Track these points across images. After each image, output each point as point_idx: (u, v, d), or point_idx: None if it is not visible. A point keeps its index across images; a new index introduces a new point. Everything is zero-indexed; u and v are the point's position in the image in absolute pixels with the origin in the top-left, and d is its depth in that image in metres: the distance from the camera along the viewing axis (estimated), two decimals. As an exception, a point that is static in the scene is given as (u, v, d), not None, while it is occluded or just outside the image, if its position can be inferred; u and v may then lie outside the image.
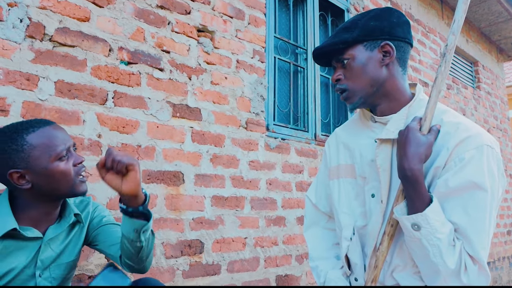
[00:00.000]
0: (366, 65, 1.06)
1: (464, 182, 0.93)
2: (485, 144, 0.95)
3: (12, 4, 1.51)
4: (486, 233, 0.93)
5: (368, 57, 1.06)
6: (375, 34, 1.05)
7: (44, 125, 1.08)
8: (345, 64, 1.08)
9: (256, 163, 2.35)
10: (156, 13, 1.99)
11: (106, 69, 1.77)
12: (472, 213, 0.92)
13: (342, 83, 1.09)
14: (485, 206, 0.93)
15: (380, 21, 1.06)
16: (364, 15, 1.09)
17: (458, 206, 0.94)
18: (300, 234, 2.55)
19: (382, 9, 1.10)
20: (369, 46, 1.06)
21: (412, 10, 4.10)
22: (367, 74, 1.06)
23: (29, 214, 1.09)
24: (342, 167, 1.20)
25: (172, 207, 1.92)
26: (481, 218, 0.93)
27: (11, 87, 1.49)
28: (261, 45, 2.50)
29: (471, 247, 0.92)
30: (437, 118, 1.04)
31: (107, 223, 1.27)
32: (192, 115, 2.07)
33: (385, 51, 1.06)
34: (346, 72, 1.09)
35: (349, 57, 1.07)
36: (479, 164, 0.94)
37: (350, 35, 1.06)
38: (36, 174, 1.04)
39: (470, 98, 4.95)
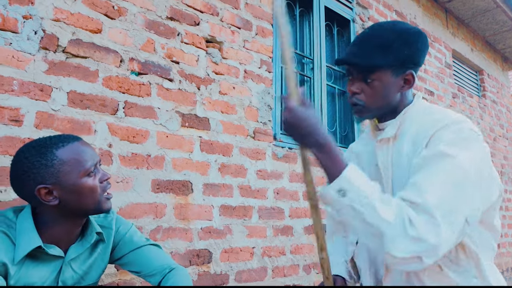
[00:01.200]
0: (387, 89, 1.07)
1: (434, 152, 0.94)
2: (466, 128, 0.97)
3: (27, 16, 1.55)
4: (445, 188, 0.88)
5: (391, 82, 1.07)
6: (405, 64, 1.06)
7: (73, 141, 1.06)
8: (368, 82, 1.08)
9: (264, 173, 2.36)
10: (166, 25, 2.02)
11: (117, 80, 1.79)
12: (433, 172, 0.91)
13: (360, 99, 1.10)
14: (449, 168, 0.90)
15: (411, 48, 1.06)
16: (398, 35, 1.06)
17: (424, 170, 0.92)
18: (307, 244, 2.55)
19: (414, 31, 1.09)
20: (395, 72, 1.07)
21: (417, 20, 4.12)
22: (385, 97, 1.08)
23: (52, 232, 1.06)
24: None
25: (181, 217, 1.93)
26: (442, 178, 0.89)
27: (25, 98, 1.51)
28: (269, 55, 2.53)
29: (421, 194, 0.87)
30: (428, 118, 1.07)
31: (141, 244, 1.24)
32: (201, 125, 2.09)
33: (406, 79, 1.08)
34: (366, 89, 1.08)
35: (375, 78, 1.06)
36: (455, 140, 0.94)
37: (384, 60, 1.05)
38: (65, 190, 1.02)
39: (475, 106, 4.95)
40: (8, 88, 1.47)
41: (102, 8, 1.78)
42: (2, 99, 1.46)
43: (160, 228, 1.84)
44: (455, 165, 0.90)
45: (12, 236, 1.00)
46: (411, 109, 1.11)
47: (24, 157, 1.01)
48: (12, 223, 1.03)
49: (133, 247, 1.24)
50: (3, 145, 1.44)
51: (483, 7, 4.55)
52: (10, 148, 1.46)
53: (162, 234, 1.85)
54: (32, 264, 1.02)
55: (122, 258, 1.25)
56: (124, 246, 1.24)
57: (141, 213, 1.79)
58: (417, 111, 1.11)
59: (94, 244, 1.17)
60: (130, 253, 1.24)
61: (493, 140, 5.17)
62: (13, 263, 0.98)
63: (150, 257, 1.24)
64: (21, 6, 1.54)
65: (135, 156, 1.81)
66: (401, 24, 1.10)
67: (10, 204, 1.42)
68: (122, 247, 1.24)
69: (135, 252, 1.24)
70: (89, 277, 1.16)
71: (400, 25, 1.09)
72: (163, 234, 1.85)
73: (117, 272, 1.69)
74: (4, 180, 1.43)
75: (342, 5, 3.25)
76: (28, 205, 1.07)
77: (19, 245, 0.99)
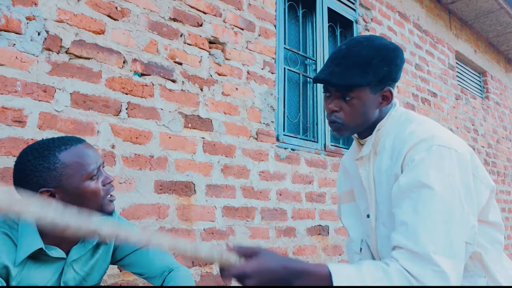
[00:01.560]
0: (366, 106, 1.06)
1: (412, 181, 0.93)
2: (435, 145, 0.96)
3: (30, 17, 1.55)
4: (439, 228, 0.88)
5: (370, 99, 1.06)
6: (383, 81, 1.05)
7: (76, 143, 1.05)
8: (346, 100, 1.06)
9: (266, 174, 2.36)
10: (169, 26, 2.02)
11: (120, 81, 1.79)
12: (420, 210, 0.90)
13: (339, 117, 1.08)
14: (433, 203, 0.90)
15: (390, 65, 1.05)
16: (377, 52, 1.05)
17: (409, 206, 0.93)
18: (310, 245, 2.54)
19: (392, 48, 1.08)
20: (374, 90, 1.06)
21: (420, 21, 4.12)
22: (364, 114, 1.08)
23: (54, 234, 1.04)
24: (345, 193, 1.29)
25: (184, 218, 1.93)
26: (431, 214, 0.89)
27: (28, 99, 1.51)
28: (271, 56, 2.53)
29: (417, 242, 0.87)
30: (402, 129, 1.07)
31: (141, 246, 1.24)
32: (204, 126, 2.09)
33: (385, 95, 1.08)
34: (344, 106, 1.07)
35: (354, 96, 1.05)
36: (427, 164, 0.94)
37: (364, 79, 1.03)
38: (67, 194, 1.01)
39: (479, 108, 4.93)
40: (12, 89, 1.48)
41: (105, 9, 1.78)
42: (5, 100, 1.46)
43: (163, 229, 1.84)
44: (439, 198, 0.90)
45: (14, 237, 1.00)
46: (386, 123, 1.11)
47: (27, 160, 1.01)
48: (15, 225, 1.02)
49: (133, 248, 1.24)
50: (6, 146, 1.45)
51: (487, 9, 4.54)
52: (14, 149, 1.46)
53: (165, 235, 1.85)
54: (34, 266, 1.02)
55: (123, 259, 1.25)
56: (125, 247, 1.24)
57: (144, 214, 1.79)
58: (392, 123, 1.11)
59: (96, 246, 1.17)
60: (132, 254, 1.24)
61: (496, 141, 5.15)
62: (15, 264, 0.98)
63: (151, 258, 1.24)
64: (25, 7, 1.54)
65: (138, 157, 1.80)
66: (379, 40, 1.08)
67: (13, 205, 1.43)
68: (123, 248, 1.24)
69: (136, 253, 1.24)
70: (91, 279, 1.15)
71: (378, 41, 1.08)
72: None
73: (119, 273, 1.69)
74: (8, 180, 1.43)
75: (345, 6, 3.25)
76: None
77: (21, 246, 0.99)
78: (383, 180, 1.07)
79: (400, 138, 1.05)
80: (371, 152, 1.11)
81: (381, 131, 1.11)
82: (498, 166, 5.03)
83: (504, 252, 1.12)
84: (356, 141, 1.20)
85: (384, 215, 1.07)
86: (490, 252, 1.03)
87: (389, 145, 1.08)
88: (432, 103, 4.03)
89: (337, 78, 1.04)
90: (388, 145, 1.08)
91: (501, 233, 1.07)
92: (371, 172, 1.11)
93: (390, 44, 1.08)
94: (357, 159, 1.15)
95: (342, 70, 1.04)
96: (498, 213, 1.08)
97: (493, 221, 1.06)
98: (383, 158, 1.08)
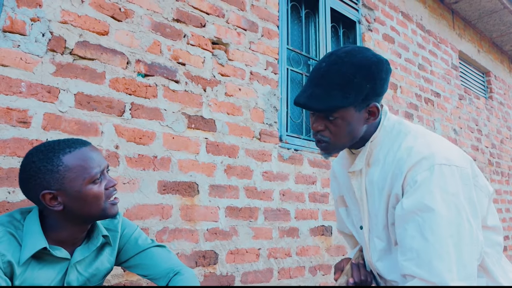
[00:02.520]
0: (351, 125, 1.03)
1: (416, 204, 0.92)
2: (437, 164, 0.94)
3: (35, 19, 1.56)
4: (451, 254, 0.88)
5: (355, 117, 1.02)
6: (368, 97, 1.01)
7: (81, 146, 1.05)
8: (330, 120, 1.02)
9: (270, 174, 2.36)
10: (172, 27, 2.02)
11: (123, 82, 1.80)
12: (429, 236, 0.90)
13: (324, 136, 1.05)
14: (441, 227, 0.89)
15: (373, 81, 1.00)
16: (358, 69, 0.99)
17: (415, 231, 0.92)
18: (313, 246, 2.54)
19: (374, 62, 1.01)
20: (358, 108, 1.01)
21: (423, 21, 4.11)
22: (351, 132, 1.04)
23: (58, 235, 1.06)
24: (339, 197, 1.31)
25: (187, 218, 1.93)
26: (440, 239, 0.89)
27: (33, 99, 1.52)
28: (274, 56, 2.53)
29: (432, 271, 0.88)
30: (397, 143, 1.05)
31: (146, 246, 1.24)
32: (207, 126, 2.09)
33: (371, 111, 1.04)
34: (329, 126, 1.03)
35: (337, 116, 1.01)
36: (430, 185, 0.92)
37: (345, 100, 0.98)
38: (69, 197, 1.01)
39: (482, 108, 4.91)
40: (16, 90, 1.49)
41: (109, 10, 1.79)
42: (10, 100, 1.47)
43: (166, 229, 1.85)
44: (446, 222, 0.89)
45: (19, 237, 1.01)
46: (378, 135, 1.08)
47: (31, 161, 1.01)
48: (20, 225, 1.03)
49: (138, 250, 1.24)
50: (11, 147, 1.46)
51: (490, 8, 4.53)
52: (18, 149, 1.47)
53: (168, 235, 1.85)
54: (38, 266, 1.02)
55: (128, 261, 1.25)
56: (129, 249, 1.24)
57: (148, 214, 1.79)
58: (385, 134, 1.08)
59: (100, 247, 1.17)
60: (136, 256, 1.24)
61: (500, 142, 5.13)
62: (19, 264, 0.98)
63: (156, 259, 1.24)
64: (29, 9, 1.55)
65: (141, 157, 1.81)
66: (361, 54, 1.01)
67: (17, 205, 1.43)
68: (127, 250, 1.24)
69: (140, 255, 1.24)
70: (94, 280, 1.15)
71: (360, 55, 1.01)
72: (169, 235, 1.85)
73: (123, 273, 1.69)
74: (12, 181, 1.44)
75: (348, 6, 3.25)
76: (36, 207, 1.07)
77: (25, 246, 0.99)
78: (375, 193, 1.06)
79: (396, 153, 1.03)
80: (364, 164, 1.10)
81: (374, 143, 1.09)
82: (502, 167, 5.01)
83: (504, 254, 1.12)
84: (348, 150, 1.18)
85: (379, 229, 1.07)
86: (490, 255, 1.03)
87: (383, 158, 1.06)
88: (435, 103, 4.02)
89: (316, 102, 0.99)
90: (382, 157, 1.06)
91: (500, 235, 1.07)
92: (363, 184, 1.10)
93: (373, 57, 1.01)
94: (350, 172, 1.13)
95: (322, 92, 0.99)
96: (496, 215, 1.08)
97: (492, 225, 1.05)
98: (376, 170, 1.07)
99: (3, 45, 1.47)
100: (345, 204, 1.27)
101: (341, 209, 1.29)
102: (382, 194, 1.04)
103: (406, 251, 0.93)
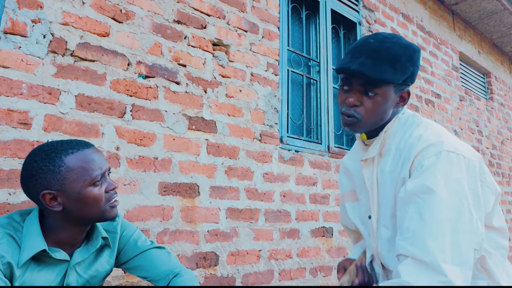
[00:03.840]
0: (386, 104, 1.05)
1: (418, 186, 0.94)
2: (444, 150, 0.96)
3: (36, 20, 1.56)
4: (446, 236, 0.88)
5: (391, 98, 1.05)
6: (407, 81, 1.04)
7: (83, 148, 1.05)
8: (369, 95, 1.03)
9: (270, 175, 2.36)
10: (173, 28, 2.03)
11: (124, 83, 1.80)
12: (426, 217, 0.91)
13: (358, 112, 1.05)
14: (440, 210, 0.90)
15: (414, 66, 1.04)
16: (405, 51, 1.03)
17: (415, 212, 0.93)
18: (314, 247, 2.54)
19: (416, 49, 1.06)
20: (397, 89, 1.04)
21: (424, 22, 4.11)
22: (383, 112, 1.06)
23: (57, 236, 1.06)
24: (348, 192, 1.31)
25: (188, 219, 1.93)
26: (437, 221, 0.89)
27: (34, 101, 1.52)
28: (275, 58, 2.53)
29: (425, 250, 0.88)
30: (408, 133, 1.07)
31: (145, 248, 1.24)
32: (208, 128, 2.09)
33: (402, 96, 1.07)
34: (366, 102, 1.04)
35: (378, 92, 1.02)
36: (436, 170, 0.94)
37: (394, 75, 1.00)
38: (69, 198, 1.01)
39: (483, 109, 4.91)
40: (17, 92, 1.49)
41: (110, 12, 1.79)
42: (11, 102, 1.47)
43: (167, 231, 1.85)
44: (445, 205, 0.90)
45: (18, 239, 1.01)
46: (393, 125, 1.10)
47: (34, 161, 1.02)
48: (19, 226, 1.03)
49: (137, 251, 1.24)
50: (12, 148, 1.46)
51: (490, 9, 4.53)
52: (19, 151, 1.47)
53: (169, 236, 1.85)
54: (37, 268, 1.02)
55: (127, 263, 1.25)
56: (128, 250, 1.24)
57: (148, 215, 1.79)
58: (399, 125, 1.10)
59: (100, 249, 1.17)
60: (135, 257, 1.24)
61: (501, 143, 5.13)
62: (18, 266, 0.98)
63: (155, 261, 1.24)
64: (30, 10, 1.55)
65: (142, 159, 1.81)
66: (403, 39, 1.06)
67: (18, 207, 1.43)
68: (126, 251, 1.24)
69: (139, 256, 1.24)
70: (94, 282, 1.15)
71: (403, 39, 1.06)
72: (170, 237, 1.85)
73: (124, 275, 1.69)
74: (13, 182, 1.44)
75: (348, 8, 3.25)
76: (36, 208, 1.08)
77: (24, 248, 0.99)
78: (387, 182, 1.07)
79: (407, 141, 1.04)
80: (377, 153, 1.11)
81: (388, 133, 1.10)
82: (503, 168, 5.01)
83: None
84: (361, 141, 1.20)
85: (386, 217, 1.07)
86: (494, 257, 1.03)
87: (394, 147, 1.07)
88: (436, 105, 4.02)
89: (370, 70, 1.00)
90: (393, 147, 1.08)
91: (505, 238, 1.07)
92: (375, 173, 1.11)
93: (414, 45, 1.07)
94: (363, 160, 1.14)
95: (374, 63, 1.00)
96: (502, 218, 1.08)
97: (498, 226, 1.05)
98: (388, 160, 1.08)
99: (4, 46, 1.48)
100: (354, 198, 1.26)
101: (348, 204, 1.30)
102: (394, 182, 1.05)
103: (403, 231, 0.94)
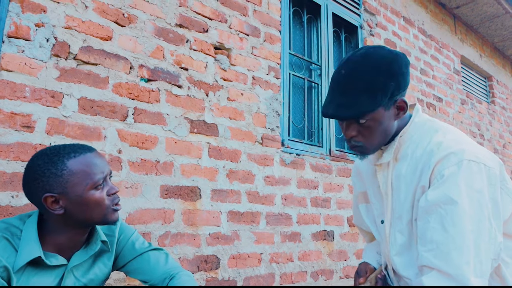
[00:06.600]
0: (383, 123, 1.04)
1: (440, 197, 0.94)
2: (465, 159, 0.95)
3: (39, 24, 1.57)
4: (470, 248, 0.89)
5: (385, 116, 1.03)
6: (394, 95, 1.02)
7: (86, 152, 1.06)
8: (361, 124, 1.03)
9: (272, 179, 2.36)
10: (175, 32, 2.04)
11: (127, 86, 1.81)
12: (450, 229, 0.91)
13: (358, 141, 1.06)
14: (462, 221, 0.90)
15: (396, 77, 1.00)
16: (378, 70, 1.00)
17: (437, 223, 0.93)
18: (315, 250, 2.54)
19: (392, 59, 1.02)
20: (387, 106, 1.02)
21: (425, 26, 4.12)
22: (383, 131, 1.06)
23: (56, 239, 1.06)
24: (361, 194, 1.31)
25: (189, 222, 1.94)
26: (461, 233, 0.90)
27: (37, 104, 1.53)
28: (276, 61, 2.54)
29: (450, 263, 0.88)
30: (426, 139, 1.06)
31: (143, 250, 1.24)
32: (209, 131, 2.10)
33: (399, 106, 1.05)
34: (361, 130, 1.04)
35: (368, 119, 1.02)
36: (456, 179, 0.93)
37: (374, 103, 0.99)
38: (71, 201, 1.02)
39: (484, 113, 4.91)
40: (20, 95, 1.50)
41: (113, 16, 1.80)
42: (14, 105, 1.48)
43: (168, 234, 1.85)
44: (468, 217, 0.90)
45: (15, 243, 1.01)
46: (408, 130, 1.09)
47: (36, 164, 1.02)
48: (17, 230, 1.03)
49: (135, 254, 1.24)
50: (15, 151, 1.46)
51: (492, 13, 4.54)
52: (22, 154, 1.48)
53: (171, 239, 1.85)
54: (33, 272, 1.02)
55: (125, 266, 1.25)
56: (126, 253, 1.24)
57: (150, 218, 1.80)
58: (415, 130, 1.09)
59: (98, 253, 1.17)
60: (133, 260, 1.24)
61: (502, 146, 5.12)
62: (14, 270, 0.98)
63: (153, 263, 1.24)
64: (34, 14, 1.56)
65: (144, 162, 1.82)
66: (376, 54, 1.02)
67: (21, 209, 1.44)
68: (125, 254, 1.24)
69: (137, 259, 1.24)
70: (91, 286, 1.15)
71: (375, 55, 1.02)
72: (171, 240, 1.85)
73: (125, 278, 1.69)
74: (16, 185, 1.45)
75: (349, 11, 3.26)
76: (36, 212, 1.08)
77: (21, 253, 0.99)
78: (402, 187, 1.06)
79: (425, 147, 1.03)
80: (392, 158, 1.10)
81: (403, 138, 1.09)
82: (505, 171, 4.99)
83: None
84: None
85: (402, 224, 1.07)
86: (510, 265, 1.02)
87: (411, 152, 1.06)
88: (437, 108, 4.02)
89: (346, 111, 1.00)
90: (410, 152, 1.07)
91: None
92: (390, 178, 1.10)
93: (389, 55, 1.02)
94: (377, 164, 1.14)
95: (349, 100, 1.00)
96: None
97: None
98: (404, 165, 1.07)
99: (7, 50, 1.49)
100: (366, 200, 1.26)
101: (361, 205, 1.29)
102: (410, 188, 1.04)
103: (426, 242, 0.94)
